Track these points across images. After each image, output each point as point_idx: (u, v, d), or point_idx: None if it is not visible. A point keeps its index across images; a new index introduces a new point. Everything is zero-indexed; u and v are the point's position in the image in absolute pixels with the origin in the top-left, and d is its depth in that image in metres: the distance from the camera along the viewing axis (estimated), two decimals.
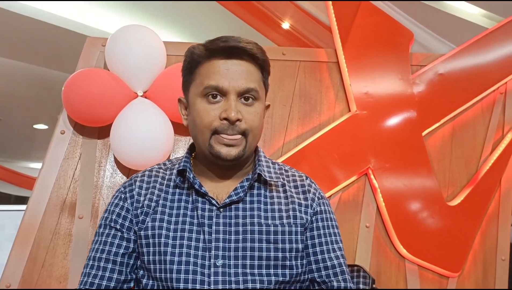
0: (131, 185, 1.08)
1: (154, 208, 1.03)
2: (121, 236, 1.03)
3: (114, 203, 1.08)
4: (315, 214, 1.08)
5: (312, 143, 1.96)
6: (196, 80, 1.03)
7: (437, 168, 2.07)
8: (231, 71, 0.99)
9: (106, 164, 1.81)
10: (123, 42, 1.75)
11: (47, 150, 1.78)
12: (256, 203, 1.04)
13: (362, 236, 1.95)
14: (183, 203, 1.04)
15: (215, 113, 0.99)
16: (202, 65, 1.02)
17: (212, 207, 1.02)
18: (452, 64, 2.16)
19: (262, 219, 1.02)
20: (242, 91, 1.00)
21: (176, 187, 1.06)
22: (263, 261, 0.98)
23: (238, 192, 1.03)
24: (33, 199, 1.72)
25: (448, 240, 1.98)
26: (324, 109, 2.05)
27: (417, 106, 2.07)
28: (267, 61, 1.06)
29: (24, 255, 1.67)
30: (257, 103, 1.03)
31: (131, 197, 1.06)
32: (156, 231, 1.00)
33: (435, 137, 2.12)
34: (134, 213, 1.04)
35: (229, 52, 1.00)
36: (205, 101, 1.00)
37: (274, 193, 1.07)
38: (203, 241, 0.99)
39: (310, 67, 2.08)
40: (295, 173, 1.15)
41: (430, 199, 1.99)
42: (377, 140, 2.01)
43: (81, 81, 1.69)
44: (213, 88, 0.99)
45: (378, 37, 2.12)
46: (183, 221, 1.02)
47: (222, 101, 1.00)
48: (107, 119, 1.74)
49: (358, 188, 2.00)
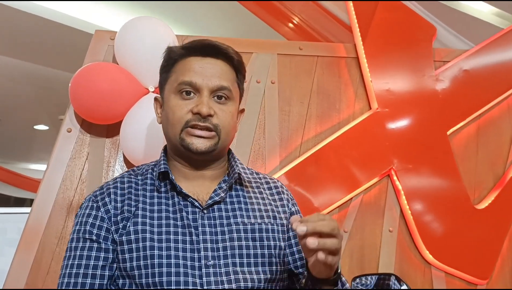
0: (102, 194, 1.04)
1: (134, 213, 1.00)
2: (98, 247, 0.98)
3: (85, 214, 1.02)
4: (291, 215, 1.12)
5: (331, 142, 1.86)
6: (171, 77, 1.05)
7: (462, 169, 1.97)
8: (206, 69, 1.02)
9: (115, 164, 1.70)
10: (133, 34, 1.64)
11: (53, 150, 1.67)
12: (237, 204, 1.05)
13: (385, 241, 1.84)
14: (163, 205, 1.02)
15: (187, 108, 1.01)
16: (178, 63, 1.05)
17: (195, 209, 1.01)
18: (476, 60, 2.06)
19: (245, 218, 1.03)
20: (215, 89, 1.02)
21: (154, 191, 1.04)
22: (251, 259, 0.99)
23: (218, 193, 1.04)
24: (37, 201, 1.62)
25: (476, 246, 1.87)
26: (343, 106, 1.95)
27: (441, 104, 1.97)
28: (242, 64, 1.09)
29: (28, 261, 1.56)
30: (230, 103, 1.05)
31: (104, 205, 1.01)
32: (139, 235, 0.97)
33: (459, 137, 2.02)
34: (114, 220, 0.99)
35: (204, 50, 1.04)
36: (178, 97, 1.02)
37: (251, 193, 1.09)
38: (191, 243, 0.97)
39: (328, 62, 1.98)
40: (266, 176, 1.18)
41: (456, 202, 1.89)
42: (400, 139, 1.91)
43: (89, 76, 1.58)
44: (187, 84, 1.01)
45: (399, 32, 2.02)
46: (167, 224, 0.99)
47: (195, 98, 1.02)
48: (116, 116, 1.63)
49: (380, 190, 1.90)
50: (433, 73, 2.00)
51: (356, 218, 1.84)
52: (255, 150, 1.81)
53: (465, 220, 1.89)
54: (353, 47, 2.00)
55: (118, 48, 1.67)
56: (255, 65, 1.89)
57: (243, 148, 1.79)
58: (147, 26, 1.67)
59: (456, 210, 1.89)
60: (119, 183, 1.06)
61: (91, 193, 1.06)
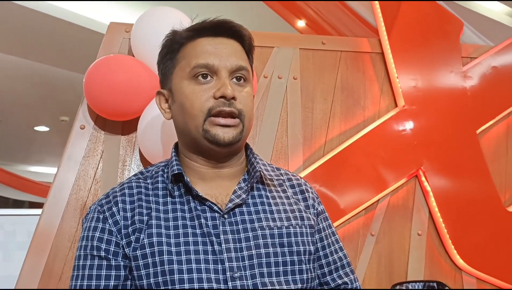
0: (109, 203, 0.92)
1: (147, 222, 0.88)
2: (108, 265, 0.87)
3: (91, 227, 0.90)
4: (318, 215, 1.02)
5: (357, 141, 1.77)
6: (180, 63, 0.94)
7: (492, 170, 1.88)
8: (220, 49, 0.92)
9: (131, 163, 1.61)
10: (151, 25, 1.55)
11: (65, 147, 1.58)
12: (260, 205, 0.94)
13: (414, 245, 1.75)
14: (179, 212, 0.90)
15: (207, 94, 0.90)
16: (186, 46, 0.94)
17: (215, 214, 0.90)
18: (505, 56, 1.98)
19: (270, 221, 0.92)
20: (234, 69, 0.92)
21: (167, 196, 0.93)
22: (280, 267, 0.89)
23: (239, 194, 0.93)
24: (49, 203, 1.52)
25: (509, 250, 1.78)
26: (368, 103, 1.86)
27: (470, 101, 1.89)
28: (253, 45, 1.00)
29: (39, 266, 1.46)
30: (249, 85, 0.95)
31: (112, 216, 0.90)
32: (155, 248, 0.86)
33: (488, 136, 1.93)
34: (124, 233, 0.88)
35: (215, 29, 0.93)
36: (193, 83, 0.91)
37: (274, 193, 0.98)
38: (213, 253, 0.86)
39: (352, 58, 1.89)
40: (287, 172, 1.08)
41: (487, 204, 1.80)
42: (428, 138, 1.82)
43: (105, 68, 1.48)
44: (203, 67, 0.90)
45: (426, 26, 1.93)
46: (184, 233, 0.88)
47: (214, 81, 0.91)
48: (133, 112, 1.54)
49: (407, 192, 1.81)
50: (461, 70, 1.91)
51: (383, 221, 1.75)
52: (278, 149, 1.72)
53: (497, 222, 1.80)
54: (378, 42, 1.91)
55: (134, 40, 1.58)
56: (277, 60, 1.80)
57: (265, 147, 1.70)
58: (165, 17, 1.57)
59: (487, 212, 1.80)
60: (127, 189, 0.94)
61: (96, 202, 0.95)
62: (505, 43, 1.99)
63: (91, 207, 0.94)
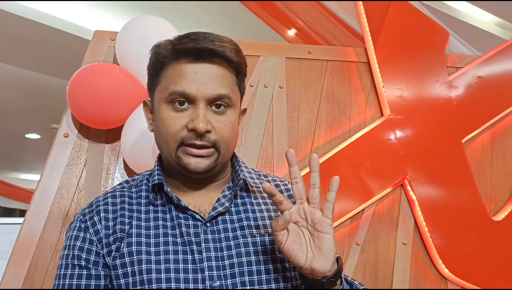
0: (91, 212, 0.92)
1: (128, 231, 0.88)
2: (88, 274, 0.87)
3: (73, 236, 0.90)
4: None
5: (342, 150, 1.77)
6: (161, 84, 0.92)
7: (477, 180, 1.87)
8: (200, 75, 0.88)
9: (115, 171, 1.60)
10: (136, 33, 1.56)
11: (48, 156, 1.56)
12: (243, 213, 0.93)
13: (399, 255, 1.75)
14: (160, 221, 0.90)
15: (181, 122, 0.88)
16: (167, 66, 0.91)
17: (197, 223, 0.89)
18: (491, 66, 1.99)
19: (254, 229, 0.91)
20: (213, 98, 0.88)
21: (149, 205, 0.93)
22: (262, 275, 0.87)
23: (222, 203, 0.92)
24: (31, 211, 1.50)
25: (495, 260, 1.78)
26: (354, 113, 1.86)
27: (456, 111, 1.89)
28: (243, 63, 0.95)
29: (20, 276, 1.44)
30: (230, 111, 0.92)
31: (93, 225, 0.90)
32: (134, 257, 0.85)
33: (474, 146, 1.93)
34: (105, 242, 0.88)
35: (197, 54, 0.88)
36: (170, 108, 0.89)
37: (259, 199, 0.97)
38: (193, 262, 0.85)
39: (338, 67, 1.89)
40: (275, 178, 1.06)
41: (473, 213, 1.80)
42: (414, 148, 1.82)
43: (89, 77, 1.48)
44: (179, 95, 0.88)
45: (412, 36, 1.94)
46: (164, 242, 0.87)
47: (190, 109, 0.89)
48: (117, 120, 1.53)
49: (393, 201, 1.81)
50: (447, 79, 1.92)
51: (369, 230, 1.75)
52: (263, 158, 1.72)
53: (482, 232, 1.80)
54: (364, 52, 1.92)
55: (119, 48, 1.58)
56: (263, 69, 1.80)
57: (251, 156, 1.70)
58: (150, 25, 1.58)
59: (472, 222, 1.80)
60: (110, 198, 0.94)
61: (80, 211, 0.95)
62: (490, 53, 2.01)
63: (75, 217, 0.94)
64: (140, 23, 1.58)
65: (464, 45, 2.63)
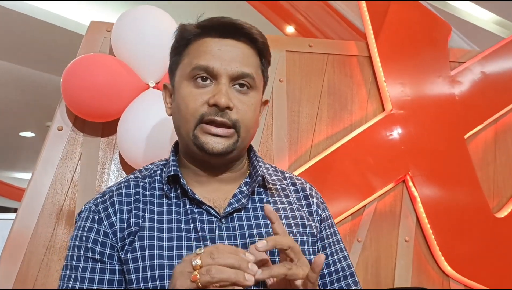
0: (105, 202, 0.87)
1: (141, 225, 0.84)
2: (102, 268, 0.83)
3: (86, 227, 0.85)
4: (322, 222, 0.96)
5: (343, 146, 1.74)
6: (184, 61, 0.89)
7: (480, 176, 1.85)
8: (225, 52, 0.86)
9: (111, 166, 1.55)
10: (132, 24, 1.51)
11: (41, 150, 1.52)
12: (260, 211, 0.89)
13: (401, 252, 1.71)
14: (174, 215, 0.86)
15: (202, 98, 0.84)
16: (192, 44, 0.89)
17: (212, 218, 0.85)
18: (494, 61, 1.96)
19: (269, 228, 0.84)
20: (236, 75, 0.85)
21: (163, 197, 0.88)
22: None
23: (239, 199, 0.88)
24: (23, 206, 1.46)
25: (498, 257, 1.75)
26: (355, 108, 1.83)
27: (458, 106, 1.86)
28: (267, 47, 0.92)
29: (12, 273, 1.39)
30: (253, 93, 0.88)
31: (108, 217, 0.85)
32: (146, 252, 0.81)
33: (476, 142, 1.90)
34: (120, 236, 0.83)
35: (223, 30, 0.87)
36: (192, 84, 0.86)
37: (276, 198, 0.93)
38: None
39: (339, 61, 1.86)
40: (292, 176, 1.02)
41: (476, 210, 1.77)
42: (416, 143, 1.79)
43: (84, 68, 1.44)
44: (203, 69, 0.85)
45: (413, 30, 1.91)
46: (178, 237, 0.83)
47: (212, 86, 0.85)
48: (113, 113, 1.49)
49: (395, 197, 1.77)
50: (449, 74, 1.89)
51: (370, 227, 1.71)
52: (263, 153, 1.68)
53: (485, 229, 1.77)
54: (365, 45, 1.88)
55: (115, 39, 1.54)
56: None
57: None
58: (147, 16, 1.53)
59: (475, 219, 1.77)
60: (124, 188, 0.89)
61: (91, 200, 0.90)
62: (494, 48, 1.98)
63: (86, 206, 0.89)
64: (137, 14, 1.53)
65: (464, 40, 2.60)
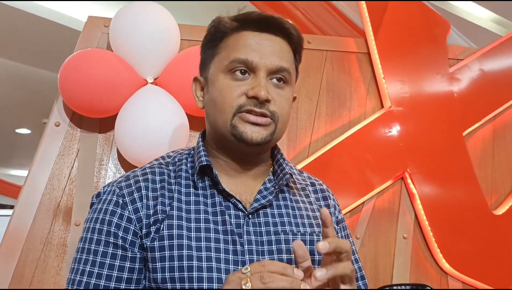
0: (129, 186, 0.84)
1: (168, 213, 0.82)
2: (123, 255, 0.80)
3: (108, 210, 0.82)
4: (338, 223, 0.98)
5: (342, 142, 1.73)
6: (220, 54, 0.89)
7: (478, 174, 1.85)
8: (264, 46, 0.86)
9: (108, 162, 1.54)
10: (131, 20, 1.50)
11: (38, 145, 1.51)
12: (284, 208, 0.89)
13: (400, 249, 1.71)
14: (202, 205, 0.85)
15: (240, 90, 0.84)
16: (229, 37, 0.89)
17: (238, 213, 0.85)
18: (493, 58, 1.96)
19: (293, 226, 0.87)
20: (275, 69, 0.86)
21: (190, 186, 0.87)
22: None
23: (265, 195, 0.88)
24: (20, 203, 1.45)
25: (495, 254, 1.75)
26: (354, 104, 1.82)
27: (457, 103, 1.86)
28: (302, 43, 0.93)
29: (9, 270, 1.38)
30: (288, 88, 0.89)
31: (133, 203, 0.82)
32: (174, 241, 0.79)
33: (475, 139, 1.90)
34: (145, 223, 0.81)
35: (262, 25, 0.87)
36: (229, 77, 0.86)
37: (298, 197, 0.94)
38: (234, 253, 0.81)
39: (338, 57, 1.85)
40: (310, 176, 1.03)
41: (474, 207, 1.78)
42: (414, 140, 1.79)
43: (82, 63, 1.43)
44: (242, 62, 0.85)
45: (412, 27, 1.91)
46: (206, 228, 0.82)
47: (250, 79, 0.85)
48: (111, 108, 1.48)
49: (393, 194, 1.77)
50: (448, 71, 1.89)
51: (369, 224, 1.71)
52: None
53: (483, 226, 1.77)
54: (364, 42, 1.88)
55: (113, 35, 1.53)
56: None
57: None
58: (145, 11, 1.52)
59: (473, 216, 1.77)
60: (150, 174, 0.87)
61: (113, 183, 0.86)
62: (492, 45, 1.98)
63: (107, 188, 0.86)
64: (135, 9, 1.52)
65: (462, 38, 2.60)
